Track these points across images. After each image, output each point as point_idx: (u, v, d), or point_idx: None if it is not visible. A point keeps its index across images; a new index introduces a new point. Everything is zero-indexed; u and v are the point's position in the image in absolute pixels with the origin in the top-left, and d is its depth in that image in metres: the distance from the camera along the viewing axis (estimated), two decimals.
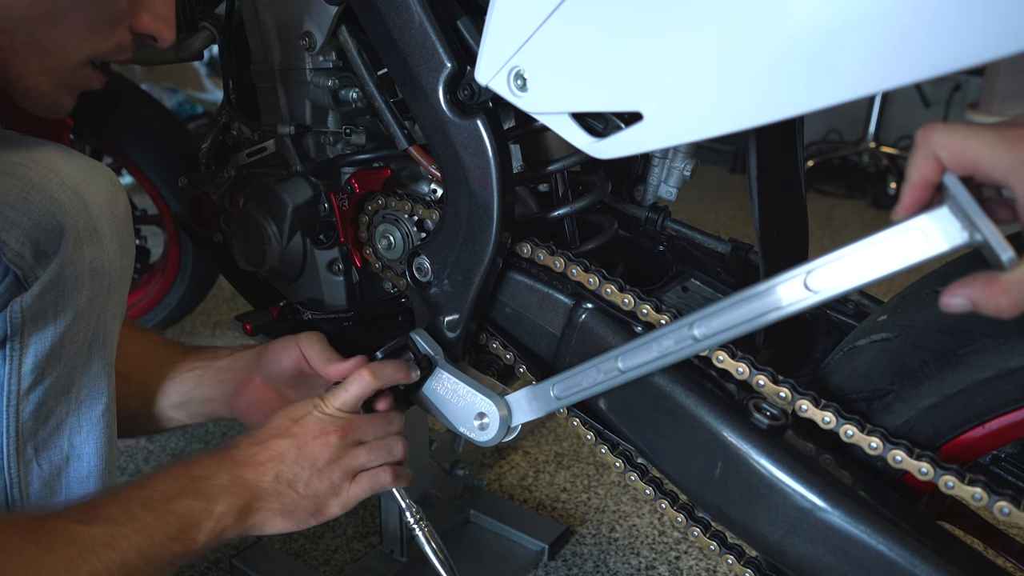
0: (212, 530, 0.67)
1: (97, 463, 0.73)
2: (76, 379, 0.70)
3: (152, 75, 3.55)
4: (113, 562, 0.59)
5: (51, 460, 0.70)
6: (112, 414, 0.74)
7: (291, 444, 0.73)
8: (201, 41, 1.14)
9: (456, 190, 0.78)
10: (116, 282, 0.70)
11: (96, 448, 0.72)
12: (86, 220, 0.66)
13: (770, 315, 0.59)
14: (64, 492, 0.72)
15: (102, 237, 0.67)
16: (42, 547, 0.57)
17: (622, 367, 0.70)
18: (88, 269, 0.67)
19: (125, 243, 0.71)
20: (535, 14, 0.62)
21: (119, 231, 0.70)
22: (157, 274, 1.70)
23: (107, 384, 0.73)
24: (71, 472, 0.72)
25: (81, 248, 0.66)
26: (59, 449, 0.71)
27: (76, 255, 0.65)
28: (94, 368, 0.71)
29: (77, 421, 0.71)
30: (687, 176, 0.96)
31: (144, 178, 1.58)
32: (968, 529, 0.80)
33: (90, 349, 0.70)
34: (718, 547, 0.79)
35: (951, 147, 0.49)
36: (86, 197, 0.66)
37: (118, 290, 0.71)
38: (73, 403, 0.70)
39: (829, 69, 0.51)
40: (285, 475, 0.72)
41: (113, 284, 0.70)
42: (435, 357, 0.84)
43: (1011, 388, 0.60)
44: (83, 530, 0.60)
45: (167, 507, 0.65)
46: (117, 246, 0.69)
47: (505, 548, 1.25)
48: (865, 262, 0.54)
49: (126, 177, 1.83)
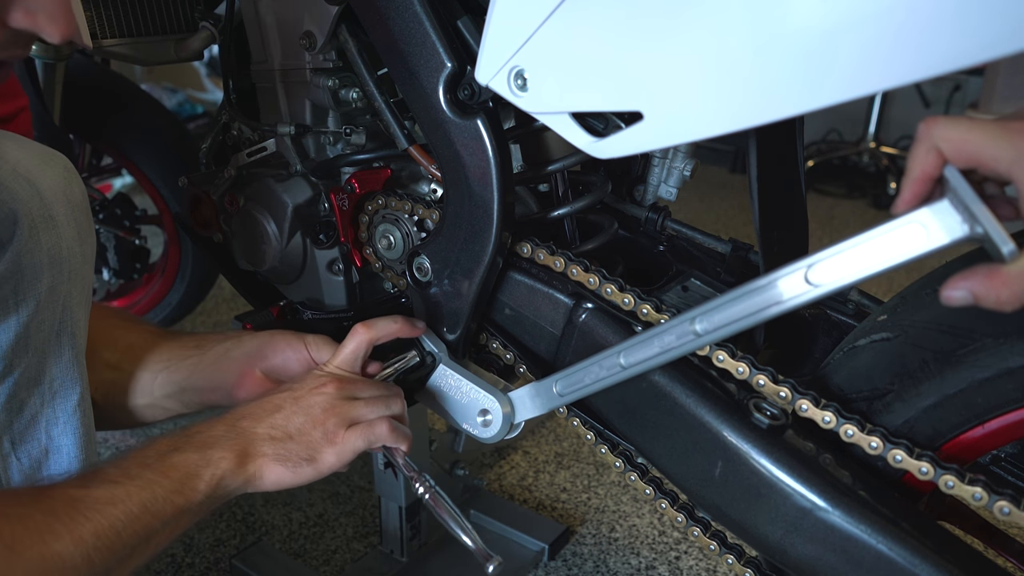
0: (211, 478, 0.66)
1: (77, 454, 0.73)
2: (47, 369, 0.70)
3: (152, 75, 3.55)
4: (117, 518, 0.59)
5: (30, 453, 0.70)
6: (87, 404, 0.74)
7: (287, 396, 0.73)
8: (201, 41, 1.14)
9: (456, 190, 0.78)
10: (77, 269, 0.70)
11: (75, 439, 0.72)
12: (40, 207, 0.66)
13: (771, 309, 0.59)
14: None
15: (58, 224, 0.67)
16: (45, 512, 0.57)
17: (624, 363, 0.70)
18: (46, 256, 0.66)
19: (83, 229, 0.71)
20: (535, 14, 0.62)
21: (76, 217, 0.69)
22: (157, 274, 1.69)
23: (79, 374, 0.72)
24: (51, 465, 0.72)
25: (37, 235, 0.65)
26: (37, 442, 0.71)
27: (32, 243, 0.65)
28: (65, 358, 0.71)
29: (53, 412, 0.71)
30: (687, 176, 0.96)
31: (144, 178, 1.58)
32: (968, 529, 0.80)
33: (59, 338, 0.70)
34: (718, 547, 0.79)
35: (953, 140, 0.49)
36: (39, 184, 0.66)
37: (81, 277, 0.71)
38: (47, 394, 0.70)
39: (828, 69, 0.51)
40: (279, 423, 0.71)
41: (74, 271, 0.69)
42: (439, 354, 0.85)
43: (1011, 388, 0.60)
44: (83, 492, 0.60)
45: (165, 462, 0.65)
46: (75, 232, 0.69)
47: (505, 548, 1.25)
48: (866, 256, 0.54)
49: (126, 177, 1.83)
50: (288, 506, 1.35)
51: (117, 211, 1.57)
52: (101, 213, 1.55)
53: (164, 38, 1.15)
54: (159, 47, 1.15)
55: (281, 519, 1.32)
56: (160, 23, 1.14)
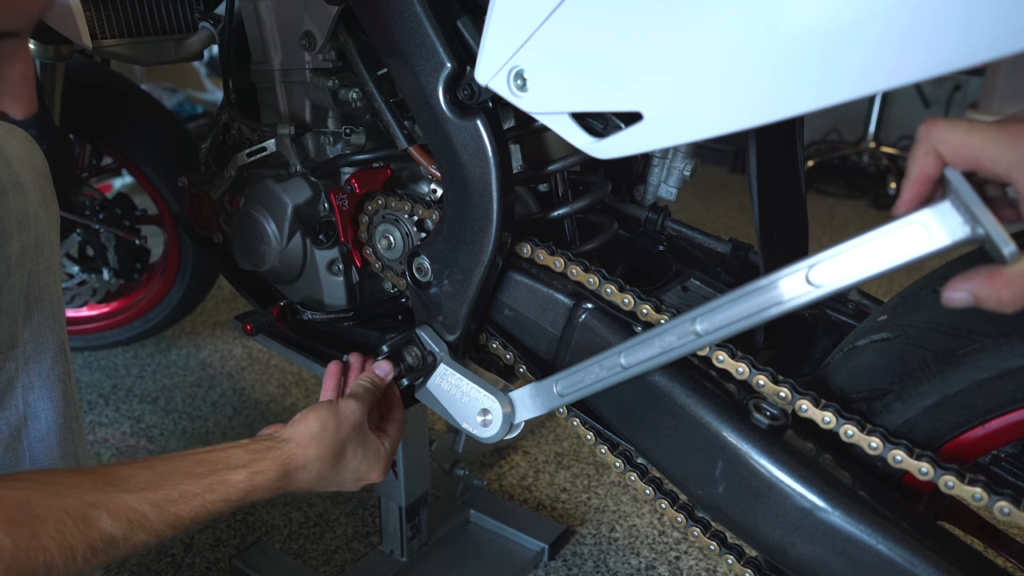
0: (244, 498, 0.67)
1: (55, 418, 0.73)
2: (18, 334, 0.70)
3: (152, 75, 3.55)
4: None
5: (9, 421, 0.71)
6: (64, 368, 0.74)
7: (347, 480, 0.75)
8: (201, 41, 1.14)
9: (456, 190, 0.78)
10: (44, 235, 0.72)
11: (51, 403, 0.73)
12: (8, 173, 0.68)
13: (772, 309, 0.59)
14: (27, 453, 0.72)
15: (25, 189, 0.69)
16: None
17: (624, 363, 0.70)
18: (15, 221, 0.68)
19: (47, 195, 0.73)
20: (535, 14, 0.62)
21: (40, 184, 0.72)
22: (157, 274, 1.69)
23: (54, 338, 0.73)
24: (31, 431, 0.72)
25: (6, 199, 0.67)
26: (15, 408, 0.71)
27: (1, 207, 0.67)
28: (35, 321, 0.72)
29: (28, 378, 0.72)
30: (687, 176, 0.96)
31: (144, 178, 1.58)
32: (968, 529, 0.80)
33: (27, 302, 0.71)
34: (718, 547, 0.79)
35: (953, 143, 0.49)
36: (6, 151, 0.68)
37: (48, 244, 0.72)
38: (20, 359, 0.71)
39: (829, 69, 0.51)
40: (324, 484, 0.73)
41: (41, 237, 0.71)
42: (440, 354, 0.85)
43: (1011, 388, 0.60)
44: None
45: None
46: (40, 198, 0.71)
47: (505, 548, 1.25)
48: (867, 256, 0.54)
49: (126, 177, 1.83)
50: (288, 506, 1.35)
51: (117, 211, 1.56)
52: (101, 213, 1.55)
53: (164, 38, 1.15)
54: (159, 47, 1.15)
55: (281, 519, 1.32)
56: (160, 23, 1.14)
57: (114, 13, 1.09)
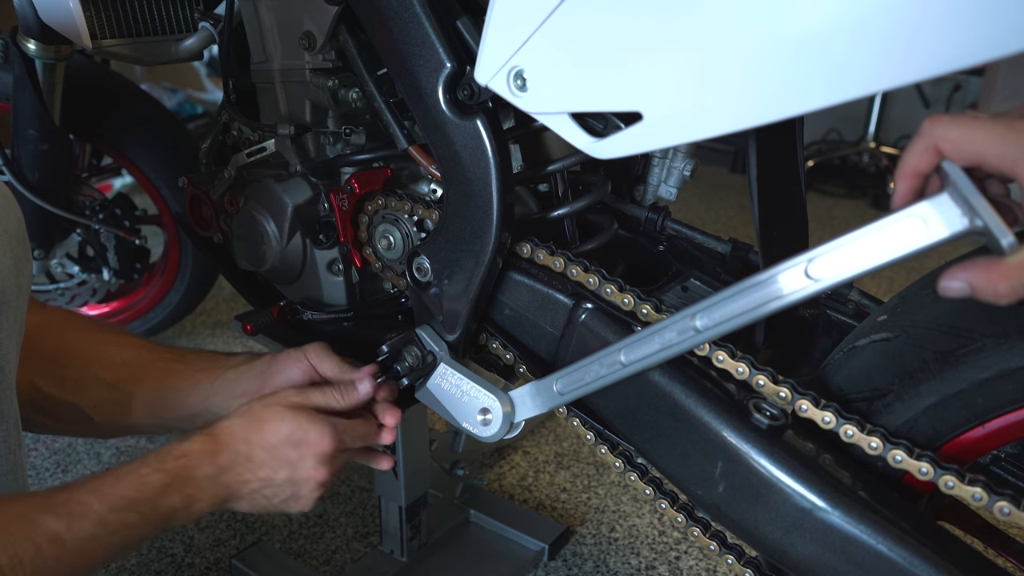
0: (186, 518, 0.69)
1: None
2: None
3: (152, 75, 3.54)
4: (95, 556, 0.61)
5: None
6: (15, 440, 0.70)
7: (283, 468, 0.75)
8: (201, 41, 1.14)
9: (456, 190, 0.78)
10: (11, 301, 0.67)
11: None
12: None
13: (772, 304, 0.59)
14: None
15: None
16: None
17: (625, 360, 0.70)
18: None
19: (20, 259, 0.68)
20: (535, 14, 0.62)
21: (12, 247, 0.67)
22: (157, 274, 1.70)
23: (10, 410, 0.69)
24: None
25: None
26: None
27: None
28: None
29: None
30: (687, 176, 0.96)
31: (144, 178, 1.58)
32: (968, 529, 0.80)
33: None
34: (718, 547, 0.79)
35: (956, 140, 0.49)
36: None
37: (14, 309, 0.68)
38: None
39: (829, 69, 0.51)
40: (267, 491, 0.76)
41: (7, 303, 0.66)
42: (440, 353, 0.85)
43: (1011, 388, 0.60)
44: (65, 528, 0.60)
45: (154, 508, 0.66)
46: (11, 263, 0.66)
47: (505, 548, 1.24)
48: (866, 250, 0.54)
49: (126, 177, 1.82)
50: None
51: (117, 211, 1.56)
52: (101, 213, 1.55)
53: (164, 38, 1.15)
54: (159, 47, 1.15)
55: (281, 519, 1.32)
56: (160, 23, 1.14)
57: (114, 13, 1.09)
